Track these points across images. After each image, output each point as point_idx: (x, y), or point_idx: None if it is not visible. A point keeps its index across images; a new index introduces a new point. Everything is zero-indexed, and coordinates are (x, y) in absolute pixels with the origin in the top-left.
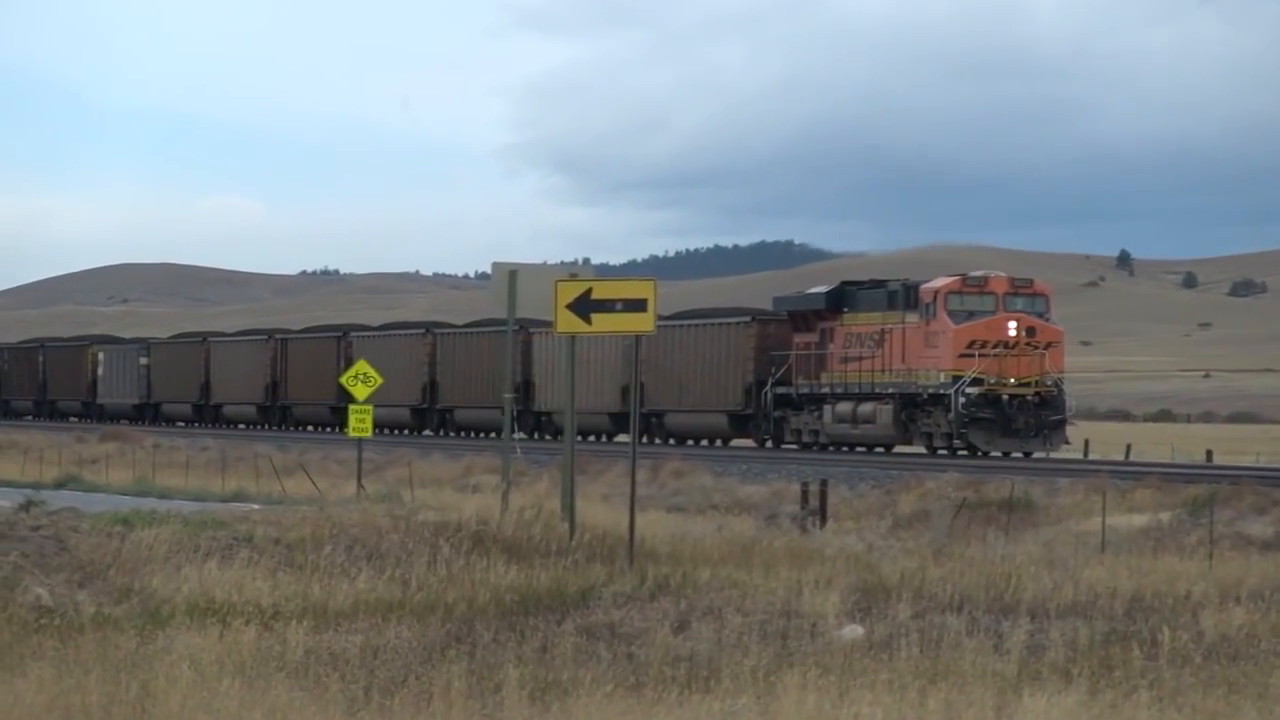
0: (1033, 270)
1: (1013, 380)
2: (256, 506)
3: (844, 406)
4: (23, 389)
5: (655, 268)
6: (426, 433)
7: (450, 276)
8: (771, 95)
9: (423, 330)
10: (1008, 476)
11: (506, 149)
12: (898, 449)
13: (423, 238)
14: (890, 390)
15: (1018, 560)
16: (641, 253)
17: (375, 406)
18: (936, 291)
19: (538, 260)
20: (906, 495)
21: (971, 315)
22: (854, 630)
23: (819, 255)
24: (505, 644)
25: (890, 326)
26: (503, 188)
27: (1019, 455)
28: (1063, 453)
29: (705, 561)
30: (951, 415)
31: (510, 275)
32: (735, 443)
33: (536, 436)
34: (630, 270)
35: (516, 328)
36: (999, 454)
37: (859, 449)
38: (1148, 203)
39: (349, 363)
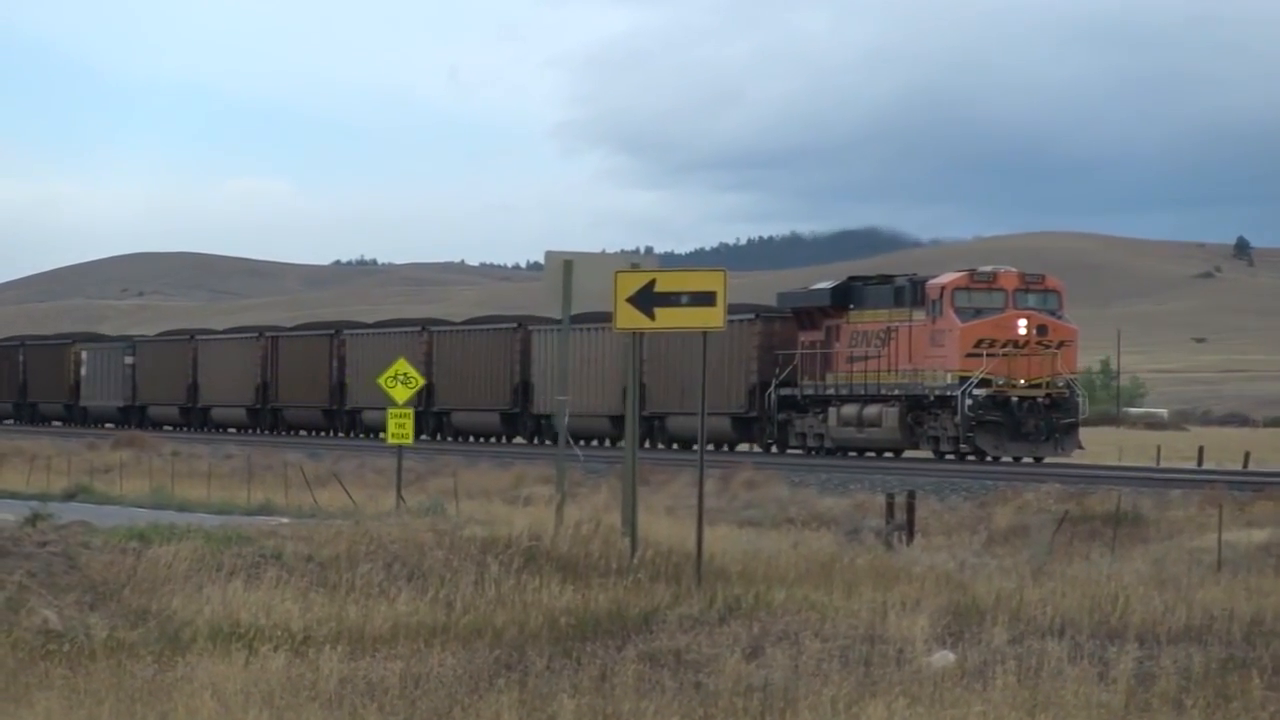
0: (1143, 260)
1: (1022, 381)
2: (286, 520)
3: (849, 409)
4: (1, 391)
5: (726, 257)
6: (424, 437)
7: (499, 267)
8: (858, 66)
9: (418, 328)
10: (1113, 487)
11: (564, 126)
12: (909, 453)
13: (469, 224)
14: (896, 392)
15: (1125, 580)
16: (710, 240)
17: (366, 410)
18: (943, 287)
19: (597, 249)
20: (1002, 508)
21: (979, 313)
22: (944, 657)
23: (905, 243)
24: (560, 672)
25: (897, 324)
26: (560, 169)
27: (1029, 460)
28: (1075, 458)
29: (780, 581)
30: (958, 418)
31: (565, 265)
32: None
33: (536, 441)
34: (698, 260)
35: (514, 325)
36: (1010, 459)
37: (868, 454)
38: (1269, 186)
39: (342, 362)
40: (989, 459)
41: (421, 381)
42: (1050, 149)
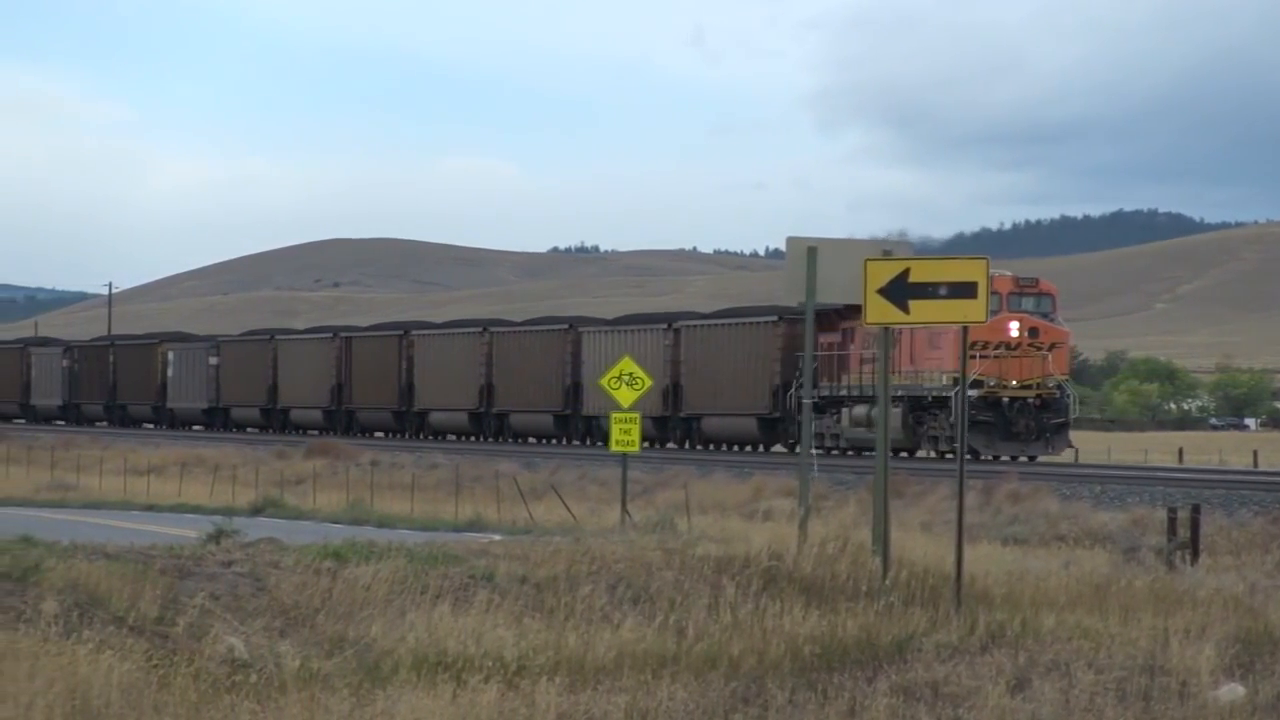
0: None
1: (1014, 382)
2: (498, 537)
3: (860, 410)
4: (93, 391)
5: (987, 244)
6: (488, 440)
7: (735, 254)
8: (1154, 29)
9: (480, 329)
10: None
11: (821, 96)
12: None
13: (705, 207)
14: (899, 393)
15: None
16: (973, 225)
17: (433, 412)
18: None
19: (854, 233)
20: None
21: None
22: (1233, 690)
23: (1188, 227)
24: (804, 707)
25: (901, 327)
26: (814, 144)
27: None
28: (1064, 456)
29: (1049, 605)
30: (952, 418)
31: (809, 253)
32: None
33: (588, 443)
34: (956, 247)
35: (565, 326)
36: (1008, 458)
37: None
38: None
39: (410, 363)
40: (993, 458)
41: (649, 382)
42: None
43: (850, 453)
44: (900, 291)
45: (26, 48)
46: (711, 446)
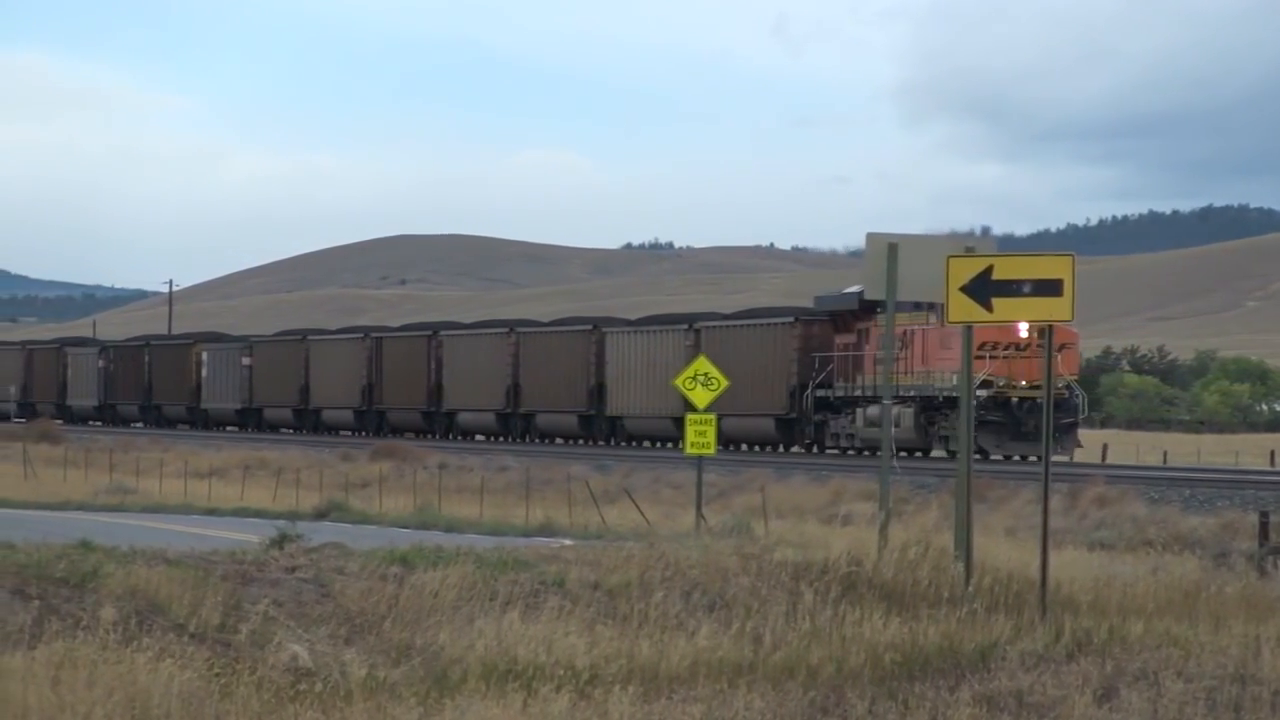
0: None
1: (1023, 383)
2: (569, 542)
3: (874, 410)
4: (129, 392)
5: (1073, 240)
6: (518, 441)
7: (814, 251)
8: (1250, 17)
9: (506, 330)
10: None
11: (905, 87)
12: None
13: (783, 203)
14: (911, 393)
15: None
16: (1059, 220)
17: (461, 412)
18: None
19: (936, 230)
20: None
21: None
22: None
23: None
24: (884, 716)
25: (914, 327)
26: (897, 138)
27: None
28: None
29: (1137, 612)
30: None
31: (889, 249)
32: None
33: (612, 443)
34: (1040, 243)
35: (589, 327)
36: (1017, 458)
37: (901, 453)
38: None
39: (439, 364)
40: (991, 458)
41: (725, 383)
42: None
43: (866, 453)
44: (983, 289)
45: (88, 40)
46: (730, 447)
